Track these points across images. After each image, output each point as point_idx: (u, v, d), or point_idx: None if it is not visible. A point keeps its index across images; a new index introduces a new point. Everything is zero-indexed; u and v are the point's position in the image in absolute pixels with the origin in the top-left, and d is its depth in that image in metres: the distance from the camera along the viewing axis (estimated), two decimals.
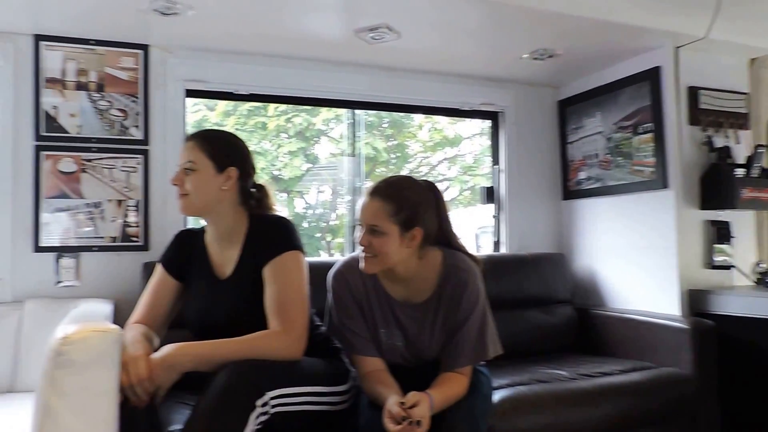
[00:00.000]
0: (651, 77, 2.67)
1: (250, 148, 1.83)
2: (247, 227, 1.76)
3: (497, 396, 2.00)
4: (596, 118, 2.97)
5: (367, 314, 1.78)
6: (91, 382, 1.31)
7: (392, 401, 1.53)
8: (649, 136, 2.69)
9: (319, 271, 1.84)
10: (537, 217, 3.18)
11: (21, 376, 2.21)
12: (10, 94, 2.35)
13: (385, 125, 6.31)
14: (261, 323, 1.62)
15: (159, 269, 1.82)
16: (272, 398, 1.50)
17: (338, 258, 1.91)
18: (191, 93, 2.63)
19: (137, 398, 1.46)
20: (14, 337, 2.23)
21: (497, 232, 3.17)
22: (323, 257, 5.11)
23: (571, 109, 3.14)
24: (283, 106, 6.17)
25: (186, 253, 1.82)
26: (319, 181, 6.62)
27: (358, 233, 1.71)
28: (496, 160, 3.21)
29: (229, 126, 5.73)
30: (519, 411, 2.01)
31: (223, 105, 6.20)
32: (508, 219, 3.13)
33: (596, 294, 2.99)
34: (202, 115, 5.62)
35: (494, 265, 2.64)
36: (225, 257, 1.76)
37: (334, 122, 6.57)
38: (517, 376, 2.23)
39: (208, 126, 5.26)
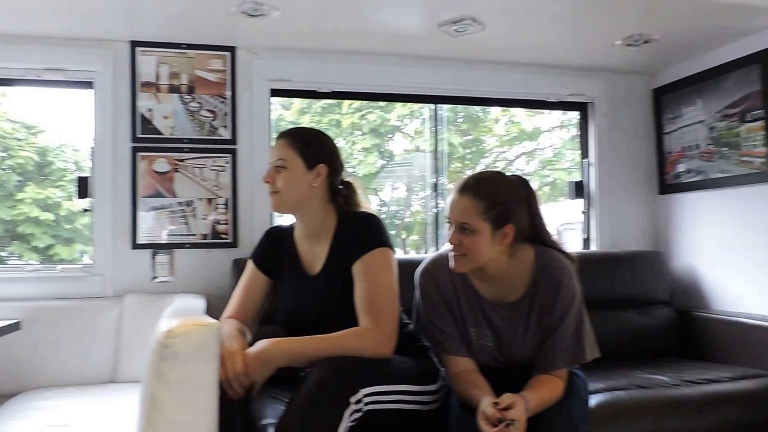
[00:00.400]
0: (762, 60, 2.47)
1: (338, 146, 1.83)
2: (336, 224, 1.76)
3: (593, 401, 1.91)
4: (697, 107, 2.80)
5: (456, 313, 1.74)
6: (193, 374, 1.34)
7: (486, 402, 1.48)
8: (759, 123, 2.49)
9: (404, 268, 1.81)
10: (630, 213, 3.03)
11: (122, 367, 2.31)
12: (109, 99, 2.46)
13: (460, 120, 6.23)
14: (350, 320, 1.61)
15: (250, 266, 1.85)
16: (366, 395, 1.49)
17: (414, 256, 1.88)
18: (276, 92, 2.67)
19: (233, 392, 1.48)
20: (115, 330, 2.34)
21: (587, 228, 3.04)
22: (405, 255, 5.08)
23: (667, 98, 2.97)
24: (357, 103, 6.20)
25: (276, 250, 1.83)
26: (394, 178, 6.61)
27: (448, 231, 1.67)
28: (585, 154, 3.08)
29: (304, 124, 5.81)
30: (618, 418, 1.92)
31: (298, 103, 6.31)
32: (598, 215, 3.00)
33: (698, 295, 2.81)
34: (278, 114, 5.74)
35: (585, 263, 2.49)
36: (314, 254, 1.76)
37: (408, 118, 6.56)
38: (614, 380, 2.13)
39: (284, 125, 5.35)
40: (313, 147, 1.75)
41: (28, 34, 2.39)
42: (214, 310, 2.04)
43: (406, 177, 6.57)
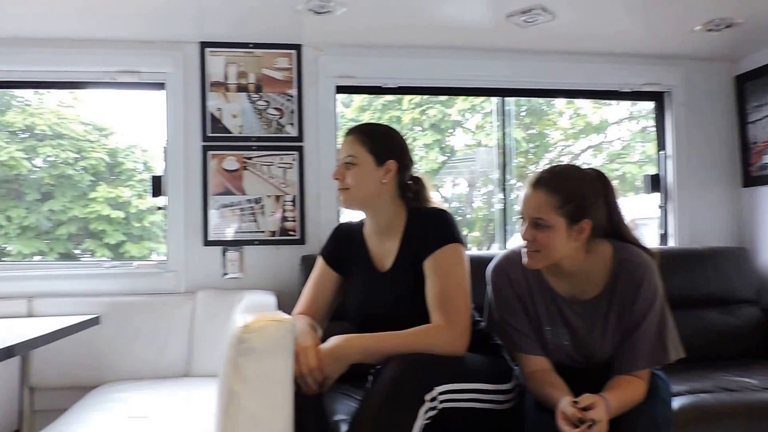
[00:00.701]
0: None
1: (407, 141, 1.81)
2: (406, 220, 1.74)
3: (676, 403, 1.82)
4: None
5: (531, 311, 1.68)
6: (269, 369, 1.35)
7: (566, 402, 1.43)
8: None
9: (470, 265, 1.77)
10: (711, 207, 2.88)
11: (195, 361, 2.37)
12: (180, 99, 2.52)
13: (523, 113, 6.10)
14: (421, 316, 1.59)
15: (320, 262, 1.85)
16: (440, 393, 1.46)
17: (476, 253, 1.83)
18: (341, 89, 2.66)
19: (307, 387, 1.49)
20: (188, 325, 2.39)
21: (664, 223, 2.91)
22: (477, 251, 5.01)
23: (751, 85, 2.80)
24: (417, 99, 6.16)
25: (345, 246, 1.83)
26: (455, 174, 6.54)
27: (521, 227, 1.62)
28: (661, 145, 2.94)
29: (365, 120, 5.82)
30: (703, 421, 1.83)
31: (358, 100, 6.33)
32: (676, 209, 2.86)
33: None
34: (338, 111, 5.77)
35: (664, 260, 2.39)
36: (384, 250, 1.75)
37: (469, 113, 6.47)
38: (697, 382, 2.03)
39: (345, 122, 5.37)
40: (382, 143, 1.73)
41: (103, 39, 2.48)
42: (283, 306, 2.06)
43: (467, 173, 6.49)
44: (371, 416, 1.42)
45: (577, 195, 1.56)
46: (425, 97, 6.14)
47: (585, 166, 1.73)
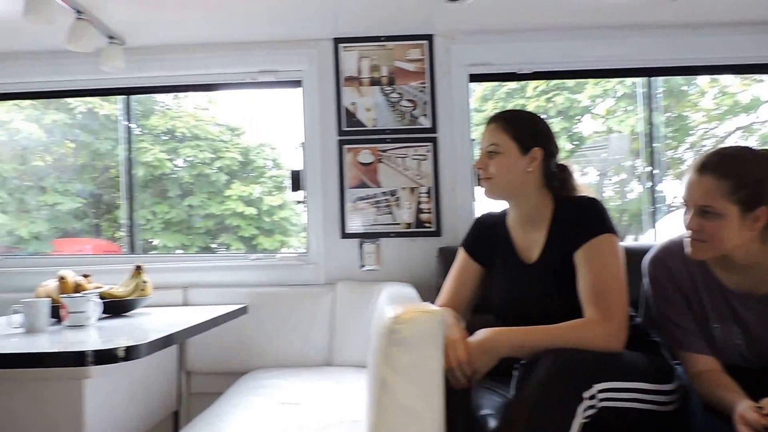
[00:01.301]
0: None
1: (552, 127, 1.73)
2: (553, 209, 1.66)
3: None
4: None
5: (696, 306, 1.55)
6: (421, 360, 1.34)
7: (747, 407, 1.30)
8: None
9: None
10: None
11: (336, 351, 2.42)
12: (316, 95, 2.59)
13: (659, 96, 5.69)
14: (570, 310, 1.52)
15: (461, 254, 1.82)
16: (599, 391, 1.38)
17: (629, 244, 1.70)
18: (474, 77, 2.61)
19: (455, 381, 1.47)
20: (329, 315, 2.45)
21: None
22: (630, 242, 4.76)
23: None
24: (543, 86, 5.96)
25: (488, 238, 1.79)
26: (584, 163, 6.26)
27: (685, 216, 1.49)
28: None
29: (489, 110, 5.71)
30: None
31: (480, 90, 6.22)
32: None
33: None
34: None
35: None
36: (530, 241, 1.69)
37: (600, 98, 6.15)
38: None
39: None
40: (527, 130, 1.67)
41: (243, 41, 2.60)
42: (422, 299, 2.05)
43: (597, 161, 6.19)
44: (526, 412, 1.37)
45: (752, 179, 1.41)
46: (552, 83, 5.92)
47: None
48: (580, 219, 1.59)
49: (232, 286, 2.52)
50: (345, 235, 2.55)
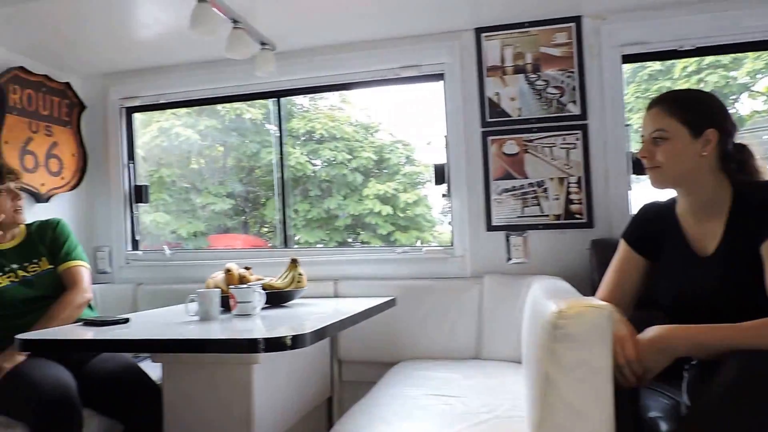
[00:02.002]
0: None
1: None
2: (732, 196, 1.51)
3: None
4: None
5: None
6: (588, 357, 1.27)
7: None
8: None
9: None
10: None
11: (484, 344, 2.40)
12: (458, 87, 2.57)
13: None
14: (753, 308, 1.36)
15: (623, 246, 1.71)
16: None
17: None
18: (627, 58, 2.45)
19: (624, 380, 1.38)
20: (477, 309, 2.43)
21: None
22: None
23: None
24: (693, 65, 5.49)
25: (654, 229, 1.66)
26: None
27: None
28: None
29: (629, 94, 5.35)
30: None
31: None
32: None
33: None
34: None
35: None
36: (704, 231, 1.55)
37: (761, 73, 5.55)
38: None
39: None
40: (697, 110, 1.53)
41: (386, 38, 2.64)
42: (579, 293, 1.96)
43: (759, 144, 5.58)
44: (710, 422, 1.25)
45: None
46: (704, 61, 5.43)
47: None
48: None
49: (380, 279, 2.58)
50: (491, 228, 2.51)
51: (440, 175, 2.60)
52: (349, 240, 7.71)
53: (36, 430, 1.74)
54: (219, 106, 7.25)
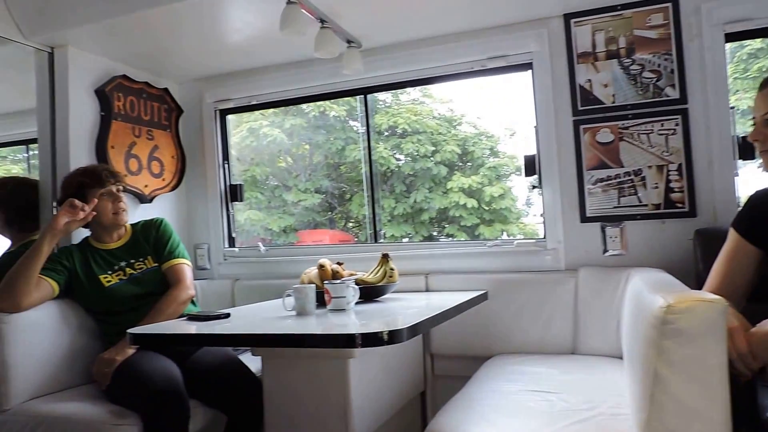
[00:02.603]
0: None
1: None
2: None
3: None
4: None
5: None
6: (701, 354, 1.21)
7: None
8: None
9: None
10: None
11: (581, 339, 2.33)
12: (548, 76, 2.50)
13: None
14: None
15: (733, 235, 1.61)
16: None
17: None
18: (731, 37, 2.30)
19: (739, 374, 1.31)
20: (572, 303, 2.36)
21: None
22: None
23: None
24: None
25: (766, 216, 1.55)
26: None
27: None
28: None
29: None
30: None
31: None
32: None
33: None
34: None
35: None
36: None
37: None
38: None
39: None
40: None
41: (472, 29, 2.61)
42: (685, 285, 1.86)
43: None
44: None
45: None
46: None
47: None
48: None
49: (471, 273, 2.56)
50: (585, 219, 2.43)
51: (530, 166, 2.55)
52: (434, 234, 7.70)
53: (148, 419, 1.85)
54: (304, 105, 7.43)
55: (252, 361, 2.14)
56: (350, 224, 8.15)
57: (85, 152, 2.63)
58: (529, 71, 2.57)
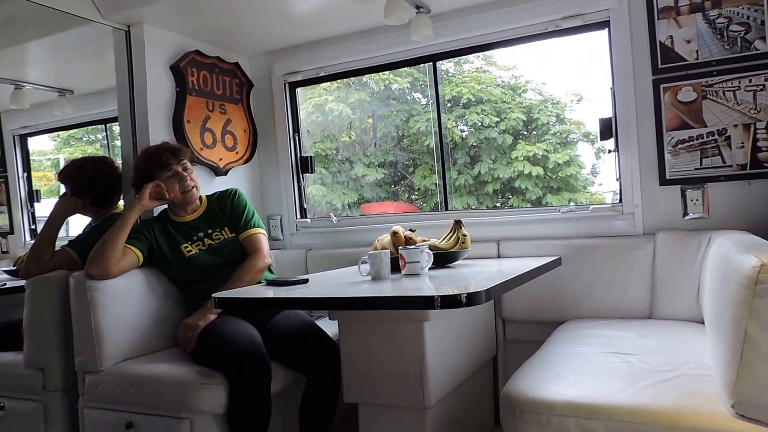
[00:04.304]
0: None
1: None
2: None
3: None
4: None
5: None
6: None
7: None
8: None
9: None
10: None
11: (659, 304, 2.27)
12: (626, 34, 2.40)
13: None
14: None
15: None
16: None
17: None
18: None
19: None
20: (649, 267, 2.31)
21: None
22: None
23: None
24: None
25: None
26: None
27: None
28: None
29: None
30: None
31: None
32: None
33: None
34: None
35: None
36: None
37: None
38: None
39: None
40: None
41: None
42: None
43: None
44: None
45: None
46: None
47: None
48: None
49: (544, 239, 2.53)
50: (664, 182, 2.35)
51: (606, 129, 2.47)
52: (498, 206, 7.61)
53: (233, 379, 1.94)
54: (367, 79, 7.43)
55: (328, 326, 2.20)
56: (414, 196, 8.16)
57: (163, 128, 2.73)
58: (606, 30, 2.48)
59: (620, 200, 2.47)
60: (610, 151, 2.48)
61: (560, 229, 2.55)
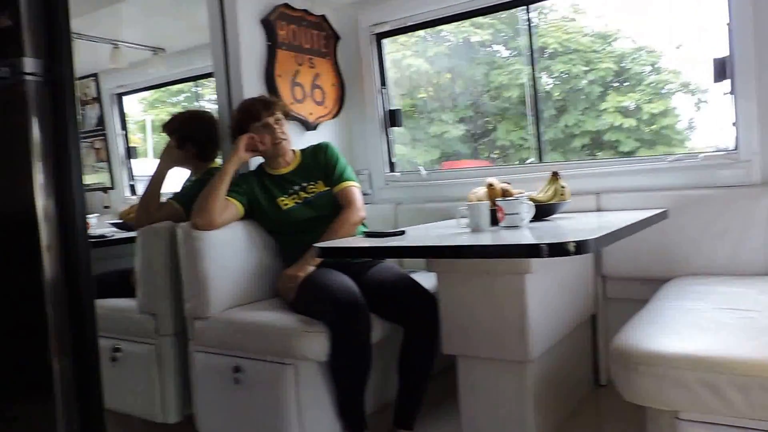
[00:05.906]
0: None
1: None
2: None
3: None
4: None
5: None
6: None
7: None
8: None
9: None
10: None
11: None
12: None
13: None
14: None
15: None
16: None
17: None
18: None
19: None
20: (766, 219, 2.15)
21: None
22: None
23: None
24: None
25: None
26: None
27: None
28: None
29: None
30: None
31: None
32: None
33: None
34: None
35: None
36: None
37: None
38: None
39: None
40: None
41: None
42: None
43: None
44: None
45: None
46: None
47: None
48: None
49: (648, 191, 2.40)
50: None
51: (721, 69, 2.28)
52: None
53: (334, 327, 1.98)
54: (446, 32, 7.22)
55: (425, 279, 2.20)
56: (495, 154, 7.97)
57: (256, 82, 2.75)
58: None
59: (736, 147, 2.29)
60: (725, 94, 2.30)
61: (666, 180, 2.41)
